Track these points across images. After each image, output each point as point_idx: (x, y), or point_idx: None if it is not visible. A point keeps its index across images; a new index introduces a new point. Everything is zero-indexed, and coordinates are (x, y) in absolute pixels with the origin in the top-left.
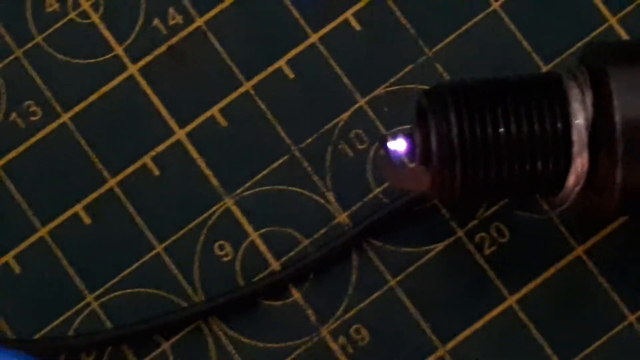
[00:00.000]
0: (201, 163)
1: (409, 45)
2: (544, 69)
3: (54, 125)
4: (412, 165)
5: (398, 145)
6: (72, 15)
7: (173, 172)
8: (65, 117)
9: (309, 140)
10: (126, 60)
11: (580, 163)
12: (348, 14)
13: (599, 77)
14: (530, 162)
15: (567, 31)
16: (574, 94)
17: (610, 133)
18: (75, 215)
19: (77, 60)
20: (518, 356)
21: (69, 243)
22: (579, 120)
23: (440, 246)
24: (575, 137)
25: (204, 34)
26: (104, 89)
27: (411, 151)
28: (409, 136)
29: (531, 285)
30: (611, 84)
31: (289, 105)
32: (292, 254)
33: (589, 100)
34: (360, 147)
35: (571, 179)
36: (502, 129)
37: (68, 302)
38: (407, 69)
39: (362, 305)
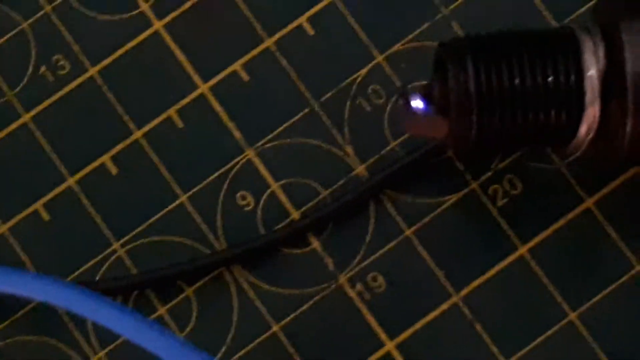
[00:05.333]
0: (224, 116)
1: (425, 3)
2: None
3: (81, 79)
4: (429, 114)
5: (416, 95)
6: None
7: (197, 124)
8: (92, 71)
9: (328, 94)
10: (151, 16)
11: (592, 113)
12: None
13: (611, 30)
14: (544, 112)
15: None
16: (587, 46)
17: (622, 83)
18: (102, 166)
19: (104, 16)
20: (529, 303)
21: (96, 192)
22: (592, 71)
23: (454, 197)
24: (587, 87)
25: None
26: (130, 44)
27: (429, 101)
28: (427, 87)
29: (542, 236)
30: (623, 36)
31: (309, 61)
32: (311, 204)
33: (601, 52)
34: (377, 101)
35: (583, 129)
36: (517, 80)
37: (95, 249)
38: (423, 27)
39: (378, 253)
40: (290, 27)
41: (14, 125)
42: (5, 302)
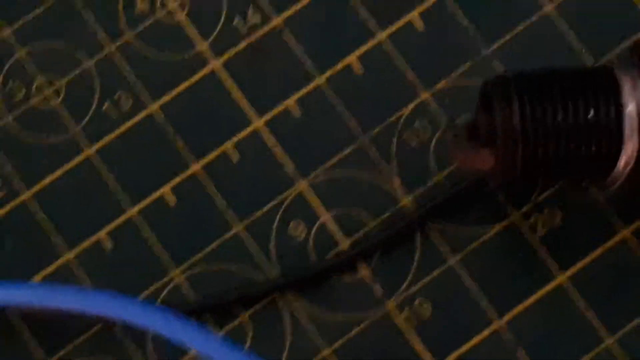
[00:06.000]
0: (277, 150)
1: (469, 43)
2: None
3: (143, 114)
4: (476, 147)
5: (464, 129)
6: (160, 14)
7: (252, 157)
8: (153, 107)
9: (377, 129)
10: (209, 55)
11: (630, 147)
12: (413, 14)
13: None
14: (585, 145)
15: (615, 31)
16: (625, 83)
17: None
18: (162, 197)
19: (164, 55)
20: (568, 328)
21: (156, 222)
22: (630, 107)
23: (497, 227)
24: (626, 123)
25: (280, 31)
26: (189, 81)
27: (475, 135)
28: (473, 122)
29: (581, 264)
30: None
31: (358, 98)
32: (360, 233)
33: (639, 89)
34: (423, 135)
35: (622, 162)
36: (560, 115)
37: (155, 276)
38: (467, 65)
39: (424, 280)
40: (340, 65)
41: (79, 158)
42: (68, 324)
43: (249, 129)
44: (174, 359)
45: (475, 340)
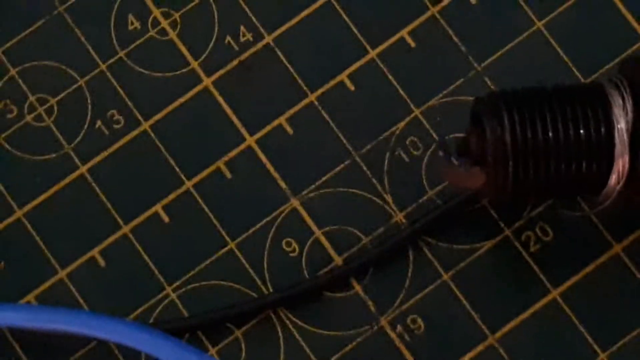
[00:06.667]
0: (270, 167)
1: (459, 60)
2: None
3: (135, 132)
4: (467, 165)
5: (454, 147)
6: (151, 32)
7: (244, 175)
8: (145, 125)
9: (369, 146)
10: (201, 73)
11: (621, 164)
12: (404, 32)
13: (638, 85)
14: (576, 163)
15: (605, 48)
16: (616, 100)
17: None
18: (155, 215)
19: (156, 74)
20: (561, 344)
21: (149, 239)
22: (621, 124)
23: (489, 244)
24: (617, 140)
25: (272, 50)
26: (181, 99)
27: (466, 153)
28: (464, 140)
29: (573, 280)
30: None
31: (350, 115)
32: (353, 250)
33: (629, 106)
34: (415, 153)
35: (613, 179)
36: (550, 133)
37: (148, 294)
38: (458, 82)
39: (417, 297)
40: (331, 82)
41: (71, 177)
42: (62, 344)
43: (241, 147)
44: None
45: (468, 356)
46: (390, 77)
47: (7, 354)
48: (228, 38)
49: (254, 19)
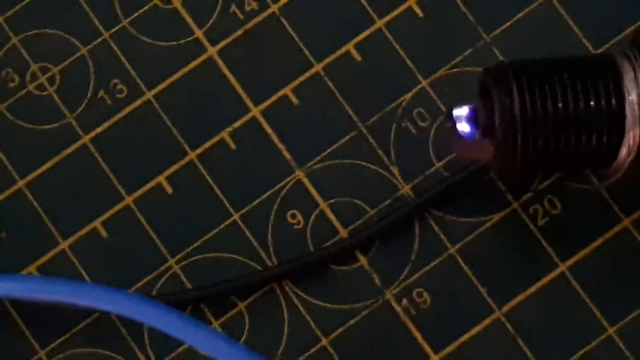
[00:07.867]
0: (274, 138)
1: (468, 30)
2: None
3: (138, 102)
4: (475, 137)
5: (463, 118)
6: (156, 0)
7: (248, 146)
8: (149, 95)
9: (375, 118)
10: (205, 43)
11: (632, 136)
12: (412, 2)
13: None
14: (585, 135)
15: (616, 19)
16: (627, 71)
17: None
18: (158, 185)
19: (160, 43)
20: (569, 318)
21: (152, 211)
22: (632, 96)
23: (496, 217)
24: (628, 111)
25: (277, 19)
26: (185, 69)
27: (475, 124)
28: (472, 111)
29: (581, 254)
30: None
31: (357, 86)
32: (358, 222)
33: None
34: (422, 124)
35: (624, 151)
36: (560, 104)
37: (151, 265)
38: (466, 53)
39: (423, 270)
40: (338, 53)
41: (74, 147)
42: (64, 315)
43: (245, 118)
44: (171, 349)
45: (474, 330)
46: (397, 47)
47: (8, 325)
48: (233, 7)
49: None
